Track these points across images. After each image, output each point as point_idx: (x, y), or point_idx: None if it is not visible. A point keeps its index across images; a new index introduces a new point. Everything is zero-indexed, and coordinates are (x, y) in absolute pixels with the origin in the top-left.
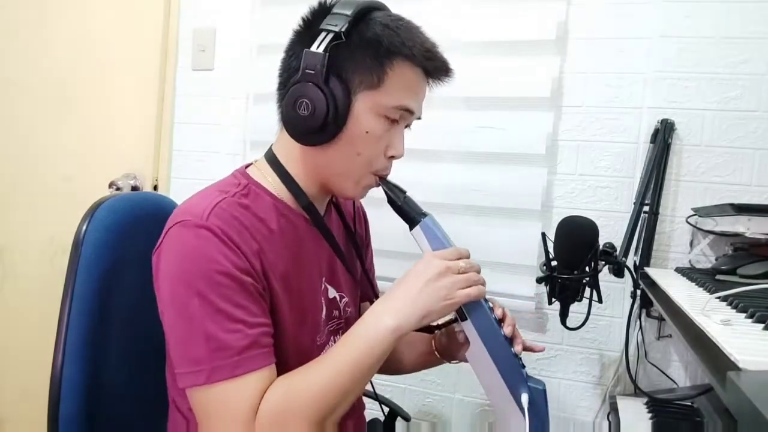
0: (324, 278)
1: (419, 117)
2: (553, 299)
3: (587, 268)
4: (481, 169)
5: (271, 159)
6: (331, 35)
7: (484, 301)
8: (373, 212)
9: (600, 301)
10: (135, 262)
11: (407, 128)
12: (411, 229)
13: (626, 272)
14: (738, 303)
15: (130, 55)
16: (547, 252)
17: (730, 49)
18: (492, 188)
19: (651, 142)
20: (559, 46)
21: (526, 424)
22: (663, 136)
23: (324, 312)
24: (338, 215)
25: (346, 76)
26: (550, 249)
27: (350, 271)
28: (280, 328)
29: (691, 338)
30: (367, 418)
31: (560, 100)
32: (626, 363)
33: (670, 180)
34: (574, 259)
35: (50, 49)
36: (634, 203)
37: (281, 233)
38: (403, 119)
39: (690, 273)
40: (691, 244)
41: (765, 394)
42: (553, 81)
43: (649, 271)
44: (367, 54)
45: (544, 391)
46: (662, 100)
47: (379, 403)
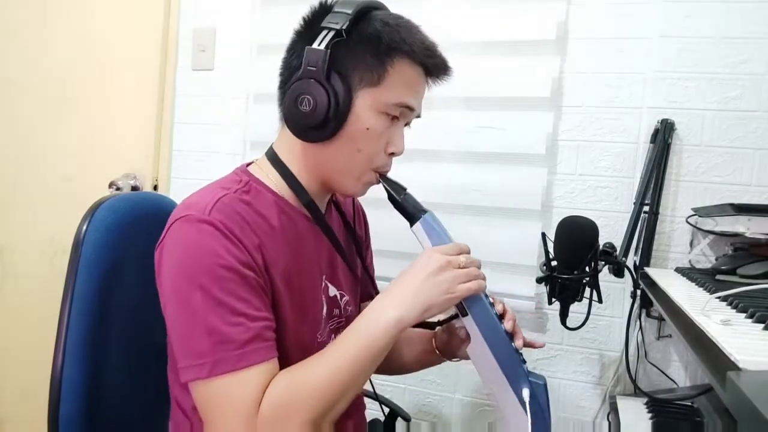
0: (324, 276)
1: (419, 115)
2: (553, 299)
3: (587, 268)
4: (481, 169)
5: (272, 157)
6: (332, 33)
7: (485, 297)
8: (373, 212)
9: (600, 301)
10: (135, 262)
11: (407, 126)
12: (411, 225)
13: (626, 272)
14: (738, 303)
15: (130, 55)
16: (547, 252)
17: (730, 49)
18: (492, 188)
19: (651, 142)
20: (559, 46)
21: (528, 419)
22: (663, 136)
23: (325, 310)
24: (338, 214)
25: (347, 73)
26: (550, 249)
27: (351, 268)
28: (282, 323)
29: (691, 338)
30: (368, 418)
31: (560, 100)
32: (626, 363)
33: (670, 180)
34: (574, 259)
35: (50, 49)
36: (634, 203)
37: (282, 230)
38: (404, 116)
39: (690, 273)
40: (691, 244)
41: (765, 394)
42: (553, 81)
43: (649, 271)
44: (368, 51)
45: (544, 385)
46: (662, 100)
47: (379, 403)
